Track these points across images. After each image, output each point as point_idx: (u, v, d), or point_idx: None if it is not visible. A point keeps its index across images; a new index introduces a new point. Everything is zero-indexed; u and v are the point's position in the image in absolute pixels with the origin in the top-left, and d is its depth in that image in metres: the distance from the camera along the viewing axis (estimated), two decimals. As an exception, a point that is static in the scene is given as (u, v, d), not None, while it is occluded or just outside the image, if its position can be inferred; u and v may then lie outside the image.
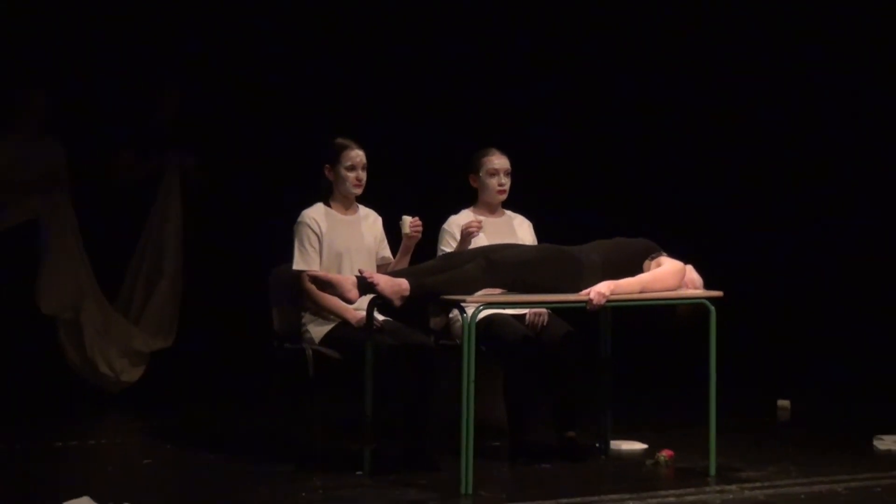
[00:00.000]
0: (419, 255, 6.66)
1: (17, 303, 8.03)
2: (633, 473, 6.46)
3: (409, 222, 6.57)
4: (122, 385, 8.23)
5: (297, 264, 6.54)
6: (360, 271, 6.15)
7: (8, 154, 8.10)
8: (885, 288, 9.46)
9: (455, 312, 6.61)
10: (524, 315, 6.79)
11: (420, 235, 6.61)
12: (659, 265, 6.42)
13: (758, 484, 6.18)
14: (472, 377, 5.84)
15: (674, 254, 6.51)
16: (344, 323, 6.49)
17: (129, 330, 8.30)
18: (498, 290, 6.28)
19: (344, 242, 6.60)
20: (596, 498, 5.86)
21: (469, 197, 7.02)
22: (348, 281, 6.11)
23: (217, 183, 8.70)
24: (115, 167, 8.53)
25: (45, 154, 8.17)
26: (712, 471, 6.33)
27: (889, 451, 6.99)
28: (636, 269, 6.39)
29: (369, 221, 6.75)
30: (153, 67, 8.83)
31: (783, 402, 8.30)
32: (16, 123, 8.19)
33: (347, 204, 6.69)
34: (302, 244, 6.55)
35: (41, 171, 8.12)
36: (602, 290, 6.14)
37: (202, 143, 8.65)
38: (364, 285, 6.07)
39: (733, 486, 6.12)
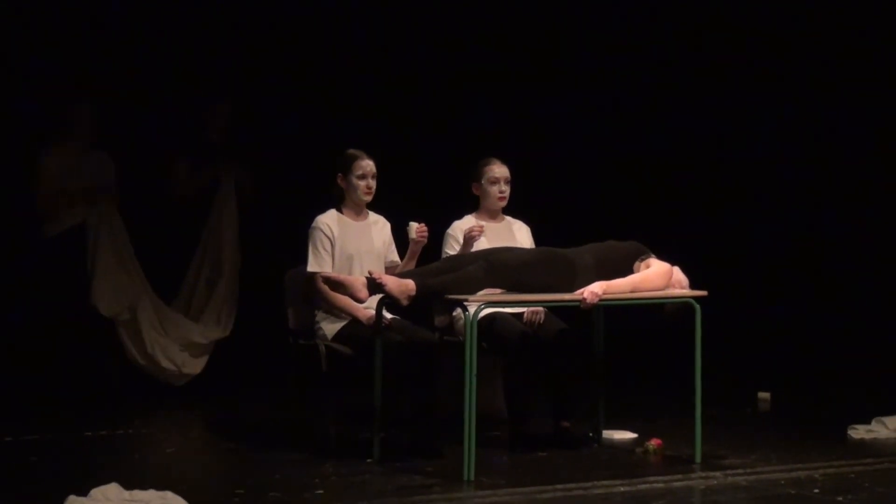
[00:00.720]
0: (425, 258, 6.79)
1: (71, 303, 8.11)
2: (623, 461, 6.58)
3: (415, 228, 6.73)
4: (187, 377, 8.35)
5: (311, 266, 6.66)
6: (369, 272, 6.26)
7: (60, 165, 8.21)
8: (859, 284, 9.55)
9: (458, 311, 6.71)
10: (523, 313, 6.92)
11: (426, 240, 6.76)
12: (648, 267, 6.55)
13: (740, 470, 6.30)
14: (474, 371, 5.98)
15: (662, 256, 6.65)
16: (355, 321, 6.62)
17: (185, 325, 8.39)
18: (498, 291, 6.40)
19: (355, 246, 6.73)
20: (589, 484, 5.97)
21: (471, 204, 7.15)
22: (358, 281, 6.25)
23: (263, 192, 8.77)
24: (171, 177, 8.60)
25: (94, 166, 8.27)
26: (698, 458, 6.45)
27: (862, 440, 7.12)
28: (627, 271, 6.51)
29: (378, 227, 6.87)
30: (205, 82, 8.88)
31: (764, 394, 8.41)
32: (66, 136, 8.27)
33: (358, 210, 6.81)
34: (316, 247, 6.67)
35: (90, 181, 8.22)
36: (595, 290, 6.28)
37: (253, 154, 8.71)
38: (373, 286, 6.20)
39: (717, 473, 6.24)
